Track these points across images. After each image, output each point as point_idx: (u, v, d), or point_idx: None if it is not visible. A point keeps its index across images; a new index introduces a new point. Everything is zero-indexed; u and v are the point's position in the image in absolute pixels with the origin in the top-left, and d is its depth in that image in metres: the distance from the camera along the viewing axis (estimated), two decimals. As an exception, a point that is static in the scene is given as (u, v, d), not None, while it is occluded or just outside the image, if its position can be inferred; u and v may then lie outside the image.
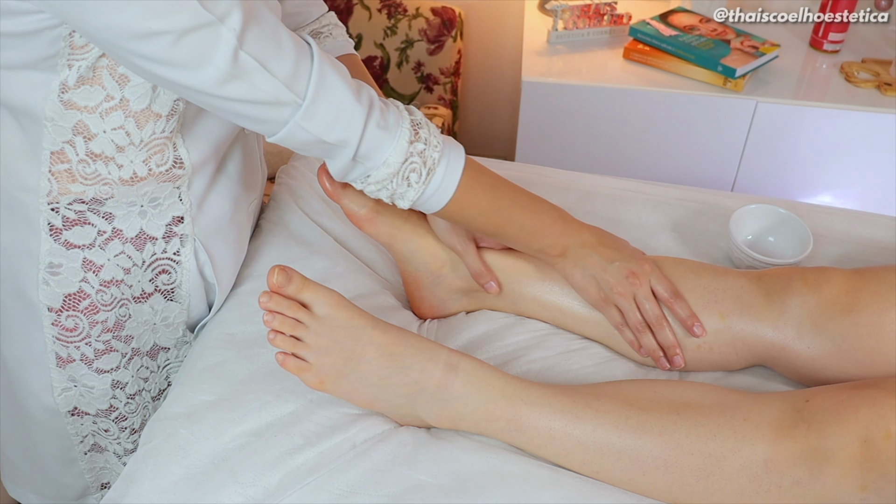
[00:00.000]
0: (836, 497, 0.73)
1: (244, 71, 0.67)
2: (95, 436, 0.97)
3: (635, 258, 0.91)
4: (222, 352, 0.89)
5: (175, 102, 0.78)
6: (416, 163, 0.78)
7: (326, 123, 0.73)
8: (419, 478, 0.76)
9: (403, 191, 0.79)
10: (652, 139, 1.79)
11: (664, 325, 0.89)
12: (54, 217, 0.81)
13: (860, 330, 0.85)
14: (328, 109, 0.72)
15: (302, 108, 0.71)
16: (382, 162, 0.77)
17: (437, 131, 0.80)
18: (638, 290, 0.89)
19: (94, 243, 0.84)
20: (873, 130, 1.69)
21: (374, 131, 0.75)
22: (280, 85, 0.69)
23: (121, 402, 0.94)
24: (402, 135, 0.77)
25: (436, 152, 0.79)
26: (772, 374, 0.93)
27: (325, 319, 0.76)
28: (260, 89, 0.68)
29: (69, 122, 0.75)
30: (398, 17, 1.98)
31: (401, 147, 0.77)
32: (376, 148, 0.76)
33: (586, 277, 0.90)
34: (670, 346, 0.90)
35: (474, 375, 0.80)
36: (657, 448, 0.76)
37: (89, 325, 0.87)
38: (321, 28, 0.99)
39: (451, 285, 0.97)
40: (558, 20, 1.82)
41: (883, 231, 1.12)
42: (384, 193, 0.80)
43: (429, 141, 0.78)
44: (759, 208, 1.09)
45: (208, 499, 0.75)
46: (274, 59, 0.68)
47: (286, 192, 1.12)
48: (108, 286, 0.86)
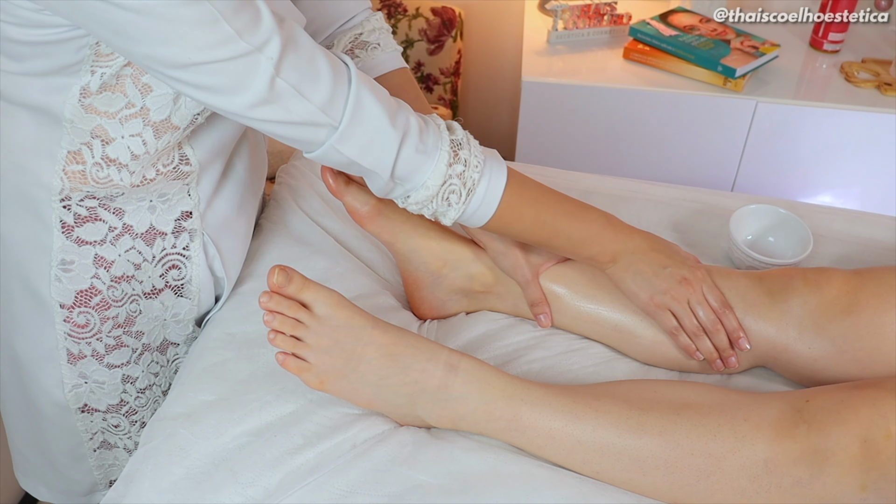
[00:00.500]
0: (837, 497, 0.73)
1: (279, 96, 0.68)
2: (105, 433, 0.97)
3: (687, 264, 0.90)
4: (222, 352, 0.89)
5: (195, 116, 0.79)
6: (455, 184, 0.78)
7: (361, 147, 0.73)
8: (419, 478, 0.76)
9: (444, 210, 0.80)
10: (652, 139, 1.79)
11: (720, 329, 0.89)
12: (66, 214, 0.82)
13: (860, 331, 0.85)
14: (363, 133, 0.73)
15: (338, 131, 0.72)
16: (421, 184, 0.77)
17: (479, 149, 0.80)
18: (692, 295, 0.88)
19: (105, 239, 0.84)
20: (873, 130, 1.69)
21: (411, 155, 0.76)
22: (315, 109, 0.70)
23: (131, 397, 0.95)
24: (441, 158, 0.77)
25: (476, 172, 0.79)
26: (772, 375, 0.93)
27: (325, 319, 0.76)
28: (295, 113, 0.69)
29: (88, 125, 0.76)
30: (398, 17, 1.98)
31: (439, 171, 0.77)
32: (414, 171, 0.77)
33: (638, 283, 0.89)
34: (725, 349, 0.89)
35: (474, 375, 0.80)
36: (657, 448, 0.76)
37: (100, 321, 0.88)
38: (368, 37, 0.95)
39: (452, 286, 0.97)
40: (558, 20, 1.82)
41: (883, 231, 1.12)
42: (426, 211, 0.81)
43: (468, 162, 0.79)
44: (759, 208, 1.09)
45: (208, 499, 0.75)
46: (310, 85, 0.69)
47: (286, 192, 1.12)
48: (119, 282, 0.87)
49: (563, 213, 0.86)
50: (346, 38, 0.94)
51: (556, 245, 0.88)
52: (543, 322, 0.94)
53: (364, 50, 0.93)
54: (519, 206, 0.82)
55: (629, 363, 0.94)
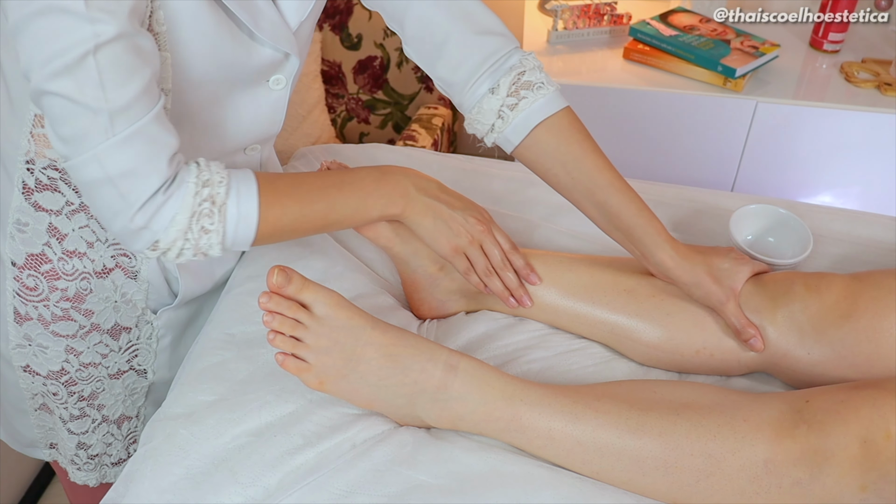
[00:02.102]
0: (836, 497, 0.73)
1: (82, 72, 0.66)
2: (45, 397, 0.98)
3: (474, 205, 0.91)
4: (222, 352, 0.89)
5: None
6: (205, 207, 0.74)
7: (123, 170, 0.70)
8: (419, 478, 0.76)
9: (206, 240, 0.74)
10: (652, 139, 1.79)
11: (508, 269, 0.92)
12: (28, 177, 0.84)
13: (859, 336, 0.85)
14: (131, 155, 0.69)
15: (110, 142, 0.68)
16: (170, 220, 0.72)
17: (220, 167, 0.76)
18: (485, 238, 0.90)
19: (62, 211, 0.86)
20: (873, 130, 1.69)
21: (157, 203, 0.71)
22: (105, 108, 0.67)
23: (73, 367, 0.95)
24: (187, 190, 0.73)
25: (221, 187, 0.74)
26: (772, 376, 0.93)
27: (324, 320, 0.76)
28: (85, 96, 0.67)
29: None
30: (398, 17, 1.98)
31: (186, 203, 0.73)
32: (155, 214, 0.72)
33: (437, 225, 0.88)
34: (515, 287, 0.93)
35: (474, 376, 0.80)
36: (657, 448, 0.76)
37: (49, 290, 0.89)
38: (531, 77, 0.90)
39: (450, 287, 0.97)
40: (558, 20, 1.82)
41: (883, 231, 1.12)
42: (188, 253, 0.75)
43: (211, 181, 0.74)
44: (759, 208, 1.09)
45: (208, 499, 0.75)
46: (116, 84, 0.67)
47: (286, 192, 1.12)
48: (70, 256, 0.88)
49: (328, 187, 0.83)
50: (510, 78, 0.89)
51: (337, 221, 0.84)
52: (756, 346, 0.88)
53: (530, 90, 0.90)
54: (278, 200, 0.78)
55: (629, 363, 0.94)
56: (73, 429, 1.01)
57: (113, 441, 1.05)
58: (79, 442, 1.02)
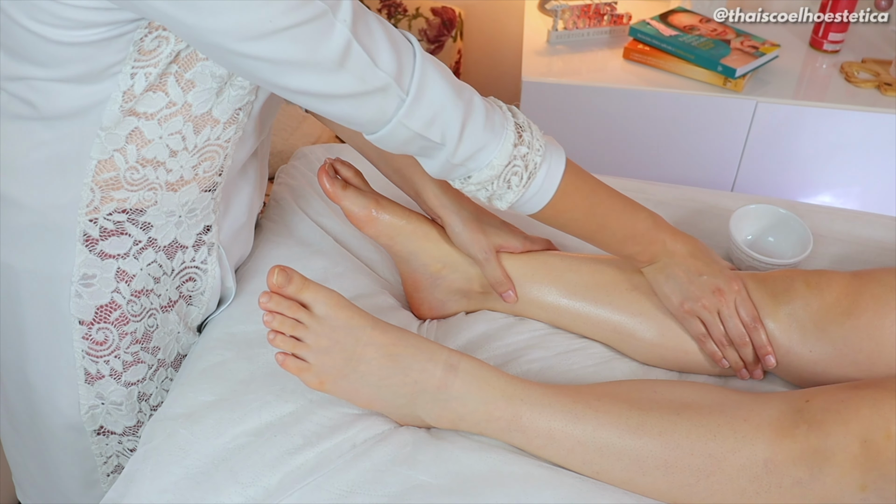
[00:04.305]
0: (837, 497, 0.73)
1: (355, 64, 0.66)
2: (119, 457, 0.96)
3: (724, 275, 0.90)
4: (222, 352, 0.89)
5: (236, 111, 0.78)
6: (518, 166, 0.77)
7: (427, 119, 0.72)
8: (419, 478, 0.76)
9: (503, 192, 0.79)
10: (652, 139, 1.79)
11: (748, 343, 0.89)
12: (92, 228, 0.80)
13: (860, 333, 0.85)
14: (430, 105, 0.71)
15: (405, 103, 0.70)
16: (486, 164, 0.76)
17: (540, 134, 0.80)
18: (723, 306, 0.88)
19: (129, 253, 0.83)
20: (873, 130, 1.69)
21: (478, 132, 0.75)
22: (387, 76, 0.68)
23: (146, 416, 0.93)
24: (507, 137, 0.76)
25: (538, 156, 0.78)
26: (772, 375, 0.93)
27: (324, 320, 0.76)
28: (368, 82, 0.68)
29: (125, 129, 0.74)
30: (398, 17, 1.98)
31: (505, 150, 0.76)
32: (480, 149, 0.76)
33: (671, 287, 0.89)
34: (750, 363, 0.90)
35: (474, 375, 0.80)
36: (657, 448, 0.76)
37: (119, 337, 0.86)
38: None
39: (451, 287, 0.97)
40: (558, 20, 1.82)
41: (883, 231, 1.12)
42: (483, 194, 0.80)
43: (532, 144, 0.78)
44: (759, 208, 1.09)
45: (208, 499, 0.75)
46: (379, 53, 0.68)
47: (286, 192, 1.12)
48: (138, 296, 0.85)
49: (613, 209, 0.86)
50: None
51: (599, 239, 0.87)
52: (510, 298, 0.94)
53: None
54: (574, 196, 0.82)
55: (629, 363, 0.94)
56: None
57: None
58: None
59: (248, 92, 0.78)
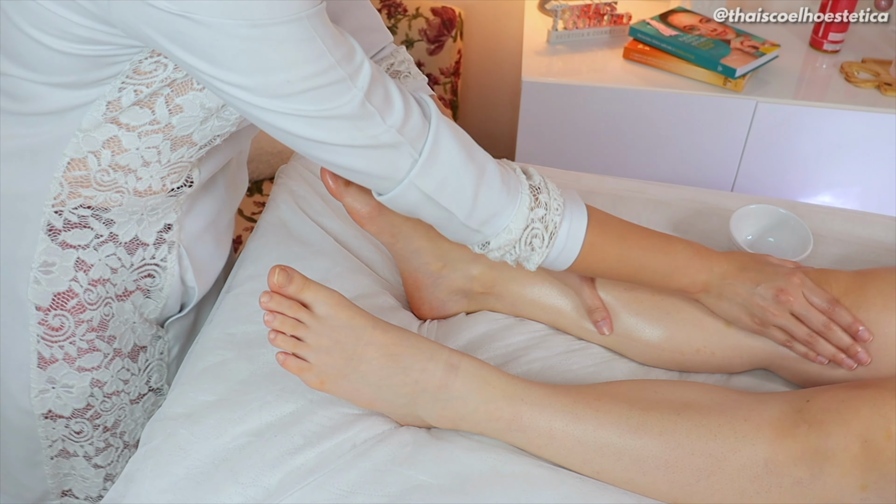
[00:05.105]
0: (837, 497, 0.73)
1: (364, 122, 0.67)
2: (65, 441, 0.97)
3: (780, 274, 0.87)
4: (222, 352, 0.89)
5: (215, 137, 0.79)
6: (537, 228, 0.78)
7: (439, 181, 0.73)
8: (419, 478, 0.76)
9: (528, 255, 0.80)
10: (652, 139, 1.79)
11: (833, 328, 0.85)
12: (56, 219, 0.81)
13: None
14: (442, 167, 0.72)
15: (419, 162, 0.71)
16: (503, 228, 0.77)
17: (557, 192, 0.80)
18: (793, 304, 0.86)
19: (90, 244, 0.84)
20: (873, 130, 1.69)
21: (493, 196, 0.75)
22: (397, 136, 0.69)
23: (97, 400, 0.94)
24: (523, 201, 0.77)
25: (557, 216, 0.79)
26: (772, 375, 0.93)
27: (325, 319, 0.76)
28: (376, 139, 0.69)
29: (103, 135, 0.75)
30: (398, 16, 1.98)
31: (521, 213, 0.77)
32: (496, 214, 0.76)
33: (734, 308, 0.87)
34: (847, 346, 0.86)
35: (475, 375, 0.80)
36: (658, 448, 0.76)
37: (75, 324, 0.87)
38: (399, 67, 0.97)
39: (451, 286, 0.97)
40: (558, 20, 1.82)
41: (883, 231, 1.12)
42: (509, 258, 0.80)
43: (549, 205, 0.79)
44: (759, 208, 1.09)
45: (208, 499, 0.75)
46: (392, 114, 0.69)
47: (286, 192, 1.11)
48: (95, 285, 0.87)
49: (647, 248, 0.85)
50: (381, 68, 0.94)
51: (642, 280, 0.87)
52: (603, 330, 0.92)
53: (397, 79, 0.95)
54: (602, 246, 0.82)
55: (629, 363, 0.94)
56: (99, 462, 0.99)
57: None
58: (106, 474, 1.01)
59: (231, 124, 0.79)
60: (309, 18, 0.62)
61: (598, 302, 0.92)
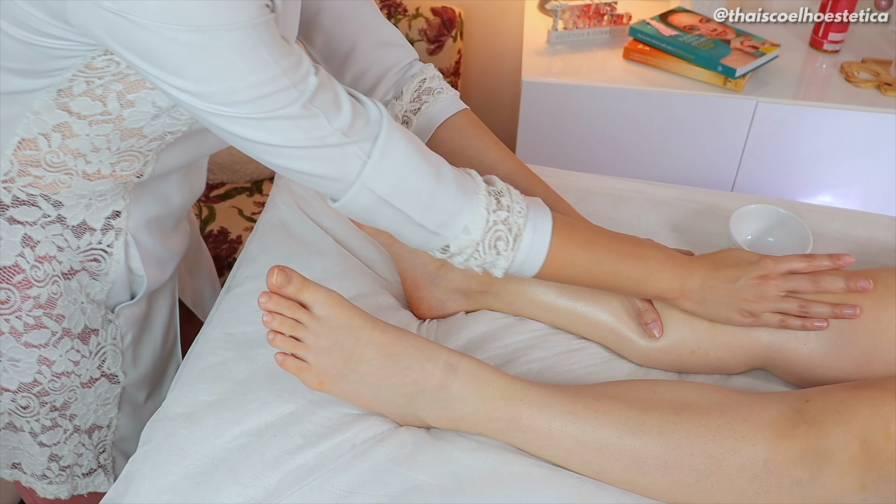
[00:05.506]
0: (836, 497, 0.73)
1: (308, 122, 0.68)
2: (11, 415, 0.97)
3: (755, 263, 0.87)
4: (222, 352, 0.89)
5: (165, 133, 0.80)
6: (501, 230, 0.77)
7: (390, 183, 0.72)
8: (419, 478, 0.76)
9: (493, 259, 0.78)
10: (652, 139, 1.79)
11: (821, 280, 0.85)
12: (4, 195, 0.83)
13: (857, 329, 0.85)
14: (394, 170, 0.72)
15: (368, 165, 0.71)
16: (462, 229, 0.76)
17: (521, 197, 0.80)
18: (776, 286, 0.86)
19: (37, 222, 0.85)
20: (873, 130, 1.69)
21: (448, 197, 0.75)
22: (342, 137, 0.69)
23: (45, 378, 0.94)
24: (479, 201, 0.77)
25: (520, 217, 0.78)
26: (771, 375, 0.93)
27: (324, 320, 0.76)
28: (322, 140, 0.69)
29: (54, 120, 0.76)
30: (398, 16, 1.98)
31: (479, 214, 0.76)
32: (453, 216, 0.76)
33: (721, 309, 0.87)
34: (841, 288, 0.85)
35: (474, 376, 0.80)
36: (657, 448, 0.76)
37: (21, 300, 0.88)
38: (431, 83, 0.96)
39: (449, 285, 0.97)
40: (558, 20, 1.82)
41: (883, 231, 1.12)
42: (474, 263, 0.79)
43: (511, 208, 0.78)
44: (758, 208, 1.09)
45: (208, 499, 0.75)
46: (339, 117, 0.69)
47: (285, 193, 1.12)
48: (42, 262, 0.87)
49: (618, 254, 0.84)
50: (413, 85, 0.95)
51: (616, 286, 0.86)
52: (654, 333, 0.90)
53: (430, 95, 0.95)
54: (571, 249, 0.81)
55: (628, 363, 0.94)
56: (44, 441, 0.99)
57: (84, 452, 1.04)
58: (51, 454, 1.01)
59: (182, 123, 0.80)
60: (254, 28, 0.62)
61: (647, 303, 0.91)
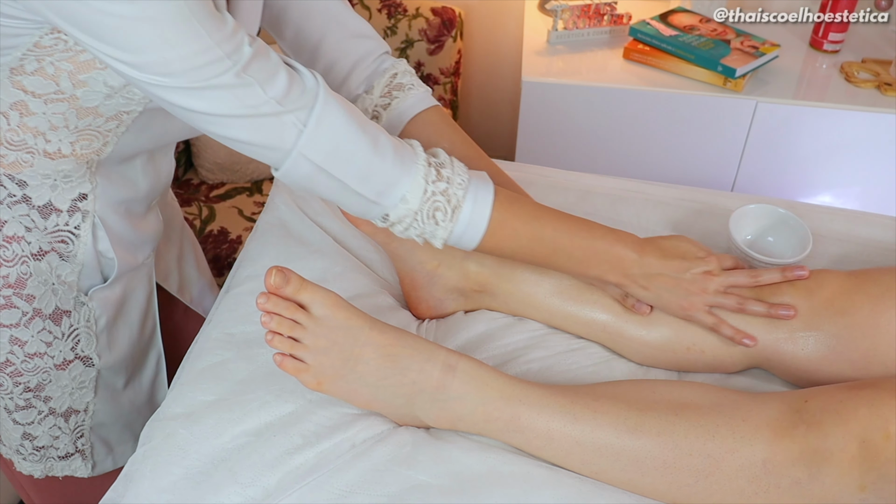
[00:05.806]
0: (835, 497, 0.73)
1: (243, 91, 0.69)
2: None
3: (700, 257, 0.88)
4: (222, 352, 0.89)
5: (121, 113, 0.81)
6: (440, 201, 0.78)
7: (327, 152, 0.73)
8: (418, 478, 0.76)
9: (432, 230, 0.79)
10: (652, 139, 1.79)
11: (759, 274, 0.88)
12: None
13: (855, 331, 0.85)
14: (331, 138, 0.73)
15: (304, 133, 0.72)
16: (400, 198, 0.77)
17: (464, 170, 0.80)
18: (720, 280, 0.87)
19: (3, 202, 0.86)
20: (873, 130, 1.69)
21: (386, 167, 0.76)
22: (276, 105, 0.70)
23: (18, 359, 0.94)
24: (418, 171, 0.77)
25: (460, 189, 0.79)
26: (771, 375, 0.93)
27: (322, 320, 0.76)
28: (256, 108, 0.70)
29: (10, 98, 0.77)
30: (398, 16, 1.98)
31: (417, 184, 0.77)
32: (391, 185, 0.77)
33: (665, 296, 0.87)
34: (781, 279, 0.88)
35: (473, 376, 0.80)
36: (656, 448, 0.76)
37: None
38: (402, 79, 0.97)
39: (447, 284, 0.97)
40: (558, 20, 1.82)
41: (883, 231, 1.12)
42: (413, 232, 0.80)
43: (451, 179, 0.79)
44: (758, 208, 1.09)
45: (208, 499, 0.75)
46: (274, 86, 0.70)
47: (285, 192, 1.12)
48: (10, 241, 0.88)
49: (562, 230, 0.84)
50: (383, 80, 0.96)
51: (558, 263, 0.86)
52: (643, 310, 0.90)
53: (401, 91, 0.96)
54: (512, 223, 0.81)
55: (628, 363, 0.94)
56: (18, 419, 1.00)
57: (60, 435, 1.04)
58: (24, 433, 1.02)
59: (136, 103, 0.81)
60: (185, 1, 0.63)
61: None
